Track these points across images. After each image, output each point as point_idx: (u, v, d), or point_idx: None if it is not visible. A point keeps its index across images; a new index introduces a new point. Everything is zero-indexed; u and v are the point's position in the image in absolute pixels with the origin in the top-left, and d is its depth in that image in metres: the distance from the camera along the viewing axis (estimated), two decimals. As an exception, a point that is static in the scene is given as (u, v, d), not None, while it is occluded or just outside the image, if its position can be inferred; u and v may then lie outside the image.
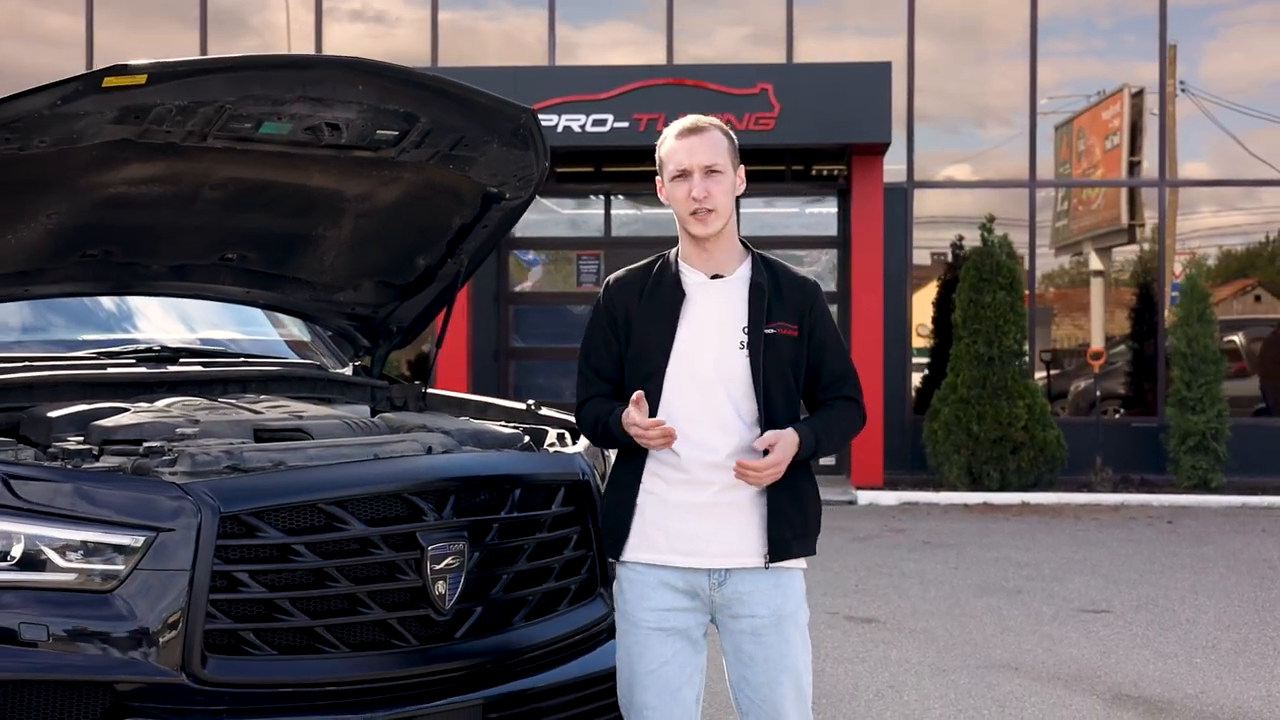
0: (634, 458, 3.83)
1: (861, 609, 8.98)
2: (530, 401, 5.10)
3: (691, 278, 3.85)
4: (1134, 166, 17.95)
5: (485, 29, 19.03)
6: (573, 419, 4.78)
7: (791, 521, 3.79)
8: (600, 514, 3.94)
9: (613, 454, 4.90)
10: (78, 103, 3.69)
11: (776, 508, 3.77)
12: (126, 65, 3.67)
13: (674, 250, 3.92)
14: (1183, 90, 17.85)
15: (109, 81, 3.66)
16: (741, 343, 3.78)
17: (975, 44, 18.80)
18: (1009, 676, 7.21)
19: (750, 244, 3.95)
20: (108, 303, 5.41)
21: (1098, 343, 17.66)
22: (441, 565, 3.82)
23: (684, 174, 3.80)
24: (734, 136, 3.91)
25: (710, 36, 18.32)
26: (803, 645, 3.87)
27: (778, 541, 3.77)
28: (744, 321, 3.79)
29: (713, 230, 3.80)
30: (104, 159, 4.02)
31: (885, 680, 7.12)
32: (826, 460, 16.57)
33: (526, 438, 4.57)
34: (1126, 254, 18.23)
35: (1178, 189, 17.86)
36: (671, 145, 3.84)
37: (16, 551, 3.44)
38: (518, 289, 17.77)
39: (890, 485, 15.59)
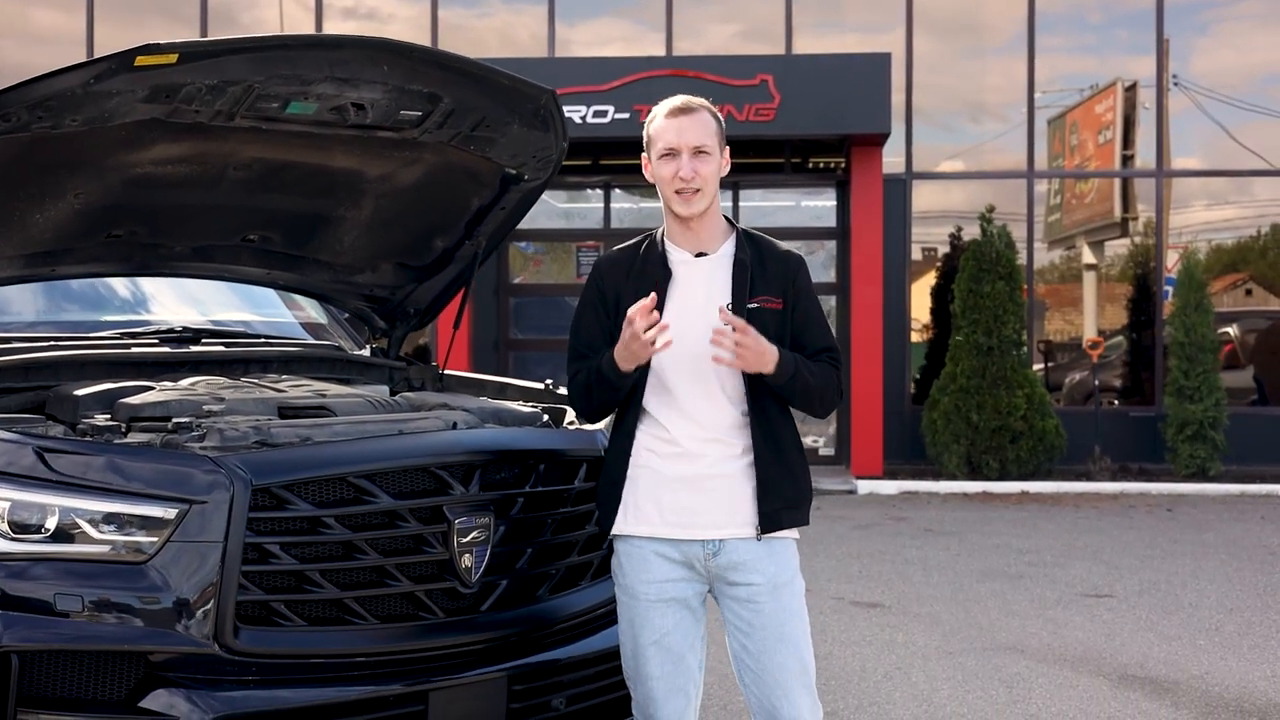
0: (627, 433, 3.88)
1: (866, 594, 9.03)
2: (548, 381, 5.14)
3: (677, 256, 3.90)
4: (1127, 160, 18.01)
5: (484, 26, 19.09)
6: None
7: (782, 493, 3.82)
8: (597, 489, 3.98)
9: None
10: (109, 81, 3.73)
11: (767, 479, 3.80)
12: (158, 44, 3.70)
13: (660, 229, 3.97)
14: (1175, 85, 17.90)
15: (141, 60, 3.69)
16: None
17: (973, 39, 18.86)
18: (1015, 658, 7.26)
19: (734, 221, 3.98)
20: (129, 285, 5.45)
21: (1097, 333, 17.71)
22: (468, 539, 3.87)
23: (672, 153, 3.83)
24: (720, 118, 3.95)
25: (708, 33, 18.34)
26: (800, 614, 3.88)
27: (768, 514, 3.80)
28: (727, 298, 3.82)
29: (696, 210, 3.84)
30: (133, 139, 4.05)
31: (893, 662, 7.17)
32: (826, 450, 16.65)
33: (546, 416, 4.62)
34: (1123, 246, 18.29)
35: (1174, 180, 17.91)
36: (661, 124, 3.88)
37: (51, 524, 3.49)
38: (517, 280, 17.80)
39: (890, 475, 15.65)
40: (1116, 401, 17.73)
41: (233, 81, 3.92)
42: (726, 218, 3.98)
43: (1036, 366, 17.13)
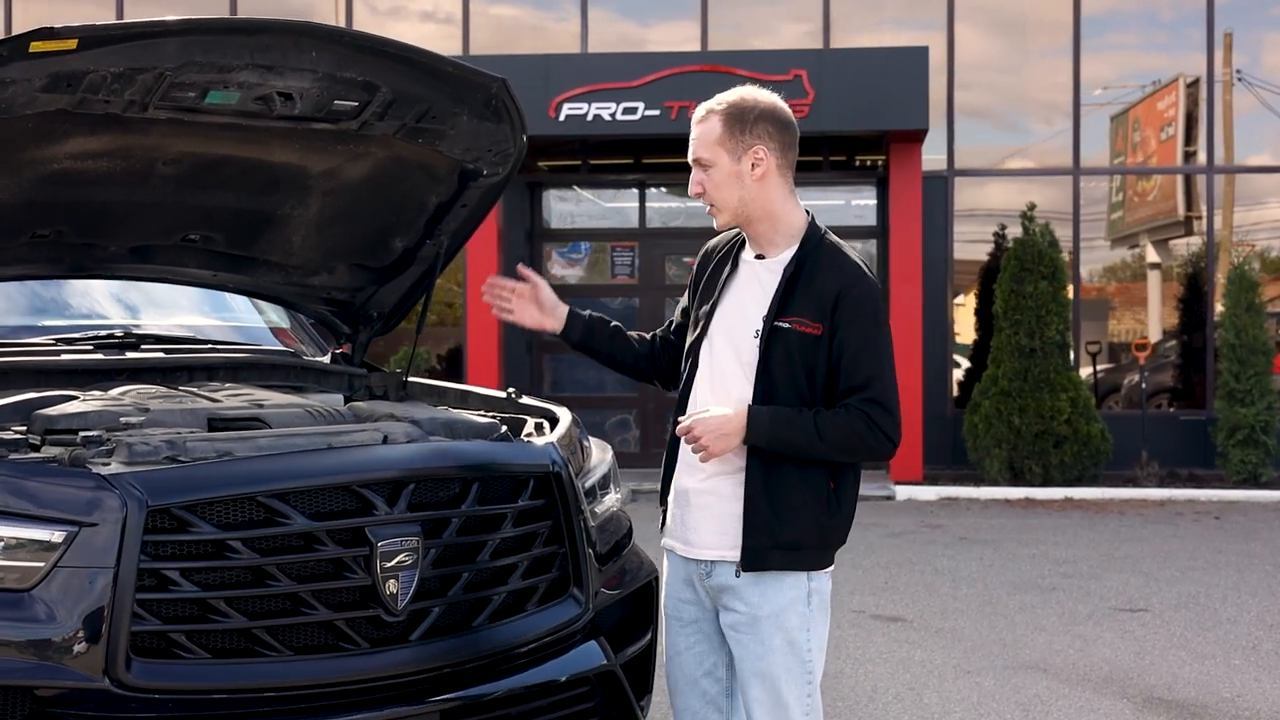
0: (674, 440, 3.73)
1: (888, 607, 8.68)
2: (511, 390, 4.84)
3: (745, 255, 3.72)
4: (1189, 157, 17.60)
5: (517, 21, 18.80)
6: (552, 408, 4.57)
7: (770, 530, 3.54)
8: None
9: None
10: (3, 69, 3.46)
11: (752, 512, 3.54)
12: (54, 29, 3.43)
13: None
14: (1239, 80, 17.44)
15: (36, 46, 3.43)
16: (756, 331, 3.59)
17: (1019, 37, 18.45)
18: (1036, 678, 6.90)
19: (816, 225, 3.67)
20: (77, 288, 5.18)
21: (1145, 334, 17.28)
22: (393, 563, 3.56)
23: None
24: (741, 117, 3.59)
25: (745, 31, 17.98)
26: (786, 650, 3.59)
27: (751, 550, 3.54)
28: (765, 309, 3.59)
29: (720, 223, 3.68)
30: (42, 131, 3.79)
31: (906, 682, 6.83)
32: (865, 454, 16.20)
33: (504, 428, 4.31)
34: (1181, 245, 17.85)
35: (1232, 175, 17.47)
36: None
37: (-72, 548, 3.22)
38: (551, 281, 17.45)
39: (930, 480, 15.23)
40: (1167, 405, 17.26)
41: (141, 69, 3.64)
42: (813, 220, 3.68)
43: (1085, 370, 16.70)
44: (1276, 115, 17.82)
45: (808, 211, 3.70)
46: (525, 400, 4.74)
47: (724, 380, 3.63)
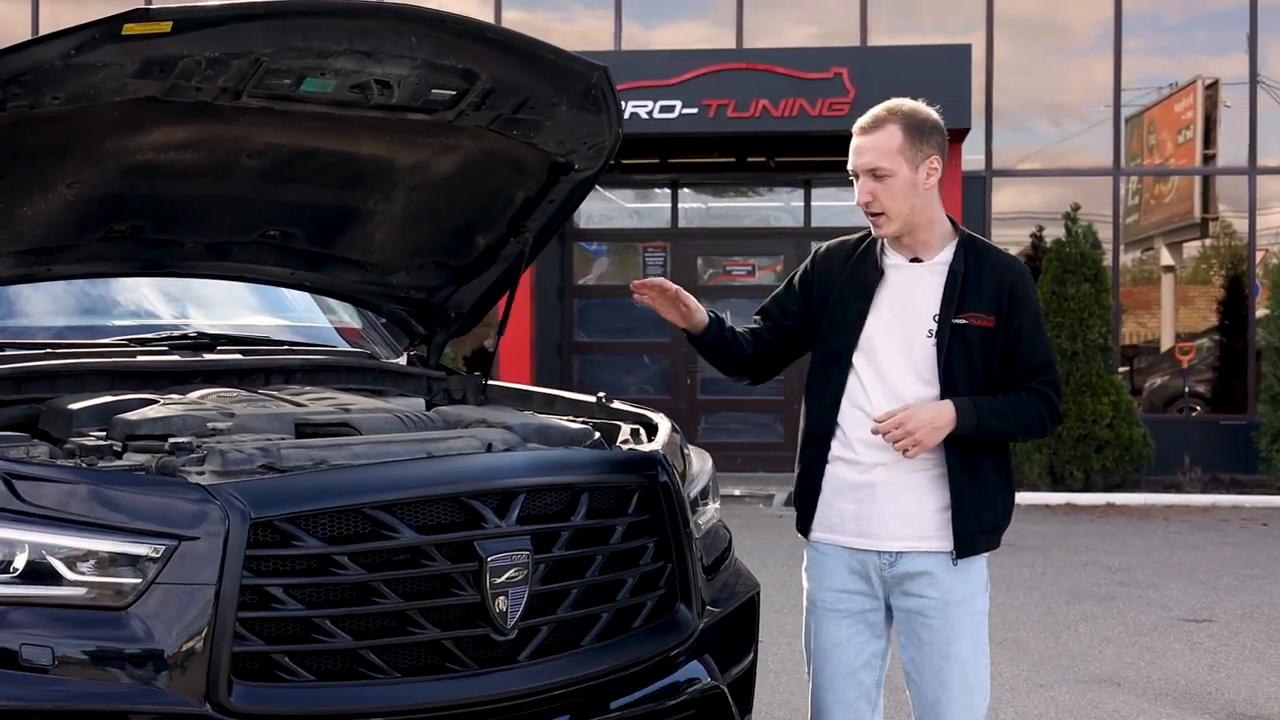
0: (820, 438, 3.79)
1: (947, 617, 8.46)
2: (601, 394, 4.63)
3: (891, 259, 3.77)
4: (1208, 159, 17.46)
5: (552, 28, 18.63)
6: (648, 414, 4.39)
7: (979, 516, 3.70)
8: (795, 490, 3.90)
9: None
10: (94, 53, 3.25)
11: (963, 501, 3.68)
12: (149, 10, 3.23)
13: None
14: (1257, 84, 17.27)
15: (129, 29, 3.22)
16: (930, 331, 3.69)
17: (1055, 39, 18.27)
18: (1112, 692, 6.70)
19: (960, 226, 3.81)
20: (146, 285, 4.97)
21: (1184, 338, 17.07)
22: (503, 578, 3.35)
23: (854, 174, 3.71)
24: (925, 123, 3.67)
25: (781, 36, 17.76)
26: (971, 633, 3.76)
27: (964, 538, 3.68)
28: (935, 309, 3.68)
29: (888, 232, 3.71)
30: (128, 120, 3.58)
31: (979, 696, 6.62)
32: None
33: (597, 434, 4.10)
34: (1204, 247, 17.71)
35: (1256, 177, 17.21)
36: (852, 143, 3.73)
37: (19, 563, 2.99)
38: (581, 281, 17.30)
39: (968, 485, 15.00)
40: (1202, 409, 17.03)
41: (237, 54, 3.43)
42: (952, 221, 3.82)
43: (1122, 371, 16.49)
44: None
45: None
46: (617, 405, 4.53)
47: (893, 383, 3.70)
